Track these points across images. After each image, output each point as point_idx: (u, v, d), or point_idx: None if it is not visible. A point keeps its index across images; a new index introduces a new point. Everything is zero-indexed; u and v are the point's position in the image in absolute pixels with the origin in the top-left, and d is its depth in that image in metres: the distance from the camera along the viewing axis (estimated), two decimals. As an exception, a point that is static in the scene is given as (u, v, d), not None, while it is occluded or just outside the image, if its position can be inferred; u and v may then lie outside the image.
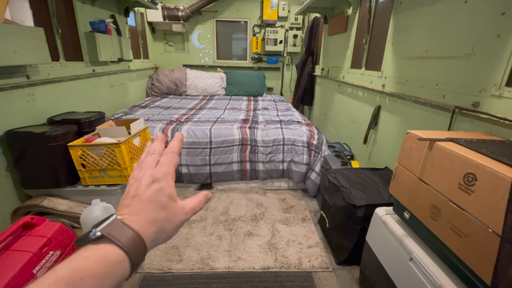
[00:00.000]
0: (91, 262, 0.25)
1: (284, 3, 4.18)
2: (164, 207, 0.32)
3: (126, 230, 0.28)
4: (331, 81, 3.21)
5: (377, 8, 2.17)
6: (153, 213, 0.31)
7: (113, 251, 0.26)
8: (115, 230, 0.28)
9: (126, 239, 0.27)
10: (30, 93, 1.74)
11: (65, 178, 1.70)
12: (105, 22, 2.49)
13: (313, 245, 1.72)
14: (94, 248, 0.26)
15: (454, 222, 0.80)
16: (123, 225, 0.28)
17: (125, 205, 0.32)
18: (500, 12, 1.09)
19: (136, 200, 0.32)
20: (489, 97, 1.12)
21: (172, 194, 0.33)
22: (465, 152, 0.80)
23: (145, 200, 0.31)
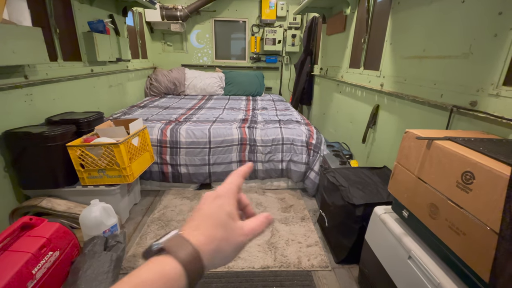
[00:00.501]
0: (153, 274, 0.25)
1: (282, 2, 4.19)
2: (222, 225, 0.31)
3: (184, 244, 0.28)
4: (330, 80, 3.22)
5: (375, 8, 2.18)
6: (211, 229, 0.30)
7: (172, 266, 0.26)
8: (175, 245, 0.28)
9: (185, 253, 0.27)
10: (28, 93, 1.74)
11: (64, 178, 1.69)
12: (103, 22, 2.49)
13: (312, 244, 1.72)
14: (154, 262, 0.27)
15: (452, 221, 0.80)
16: (182, 239, 0.28)
17: (191, 219, 0.32)
18: (497, 11, 1.09)
19: (197, 214, 0.32)
20: (487, 96, 1.12)
21: (231, 212, 0.33)
22: (463, 150, 0.81)
23: (205, 214, 0.32)
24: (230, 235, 0.31)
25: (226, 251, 0.31)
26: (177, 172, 2.29)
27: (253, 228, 0.34)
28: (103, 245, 1.36)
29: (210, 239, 0.29)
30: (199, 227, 0.30)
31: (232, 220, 0.32)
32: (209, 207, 0.32)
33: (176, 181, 2.33)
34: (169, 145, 2.24)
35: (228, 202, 0.33)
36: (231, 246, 0.31)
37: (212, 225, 0.30)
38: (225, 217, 0.32)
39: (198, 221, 0.31)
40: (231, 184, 0.35)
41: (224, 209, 0.32)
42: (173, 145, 2.24)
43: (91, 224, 1.42)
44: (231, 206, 0.33)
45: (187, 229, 0.30)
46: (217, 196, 0.33)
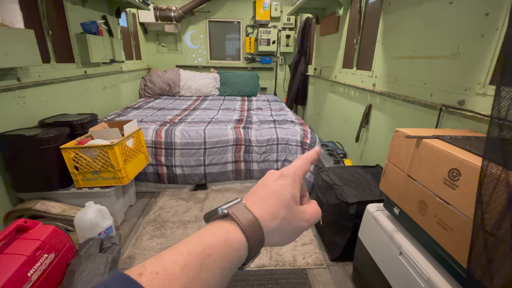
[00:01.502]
0: (217, 239, 0.25)
1: (276, 3, 4.21)
2: (285, 205, 0.30)
3: (247, 213, 0.28)
4: (324, 80, 3.25)
5: (367, 9, 2.21)
6: (274, 207, 0.30)
7: (235, 232, 0.27)
8: (238, 212, 0.28)
9: (247, 221, 0.27)
10: (21, 96, 1.72)
11: (58, 181, 1.69)
12: (96, 23, 2.48)
13: (307, 242, 1.74)
14: (219, 226, 0.27)
15: (440, 216, 0.83)
16: (245, 209, 0.28)
17: (251, 193, 0.32)
18: (484, 12, 1.13)
19: (261, 190, 0.32)
20: (474, 95, 1.16)
21: (295, 194, 0.32)
22: (450, 148, 0.83)
23: (270, 191, 0.31)
24: (292, 217, 0.31)
25: (286, 232, 0.30)
26: (172, 173, 2.29)
27: (312, 216, 0.33)
28: (98, 247, 1.36)
29: (273, 216, 0.29)
30: (262, 203, 0.30)
31: (295, 203, 0.31)
32: (274, 184, 0.31)
33: (172, 182, 2.33)
34: (164, 146, 2.24)
35: (292, 184, 0.32)
36: (292, 229, 0.31)
37: (275, 203, 0.30)
38: (290, 198, 0.31)
39: (262, 196, 0.31)
40: (297, 168, 0.34)
41: (289, 190, 0.31)
42: (168, 146, 2.24)
43: (86, 226, 1.42)
44: (295, 189, 0.32)
45: (249, 202, 0.30)
46: (282, 176, 0.32)
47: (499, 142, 0.57)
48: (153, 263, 0.22)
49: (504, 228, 0.58)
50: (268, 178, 0.33)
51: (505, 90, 0.55)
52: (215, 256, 0.24)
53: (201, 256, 0.24)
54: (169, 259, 0.22)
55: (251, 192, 0.32)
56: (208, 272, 0.23)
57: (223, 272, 0.25)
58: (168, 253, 0.23)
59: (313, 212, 0.33)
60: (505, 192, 0.57)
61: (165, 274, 0.21)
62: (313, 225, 0.34)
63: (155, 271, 0.21)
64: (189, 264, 0.23)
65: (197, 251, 0.24)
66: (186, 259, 0.23)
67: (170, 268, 0.22)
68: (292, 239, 0.32)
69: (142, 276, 0.20)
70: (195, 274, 0.22)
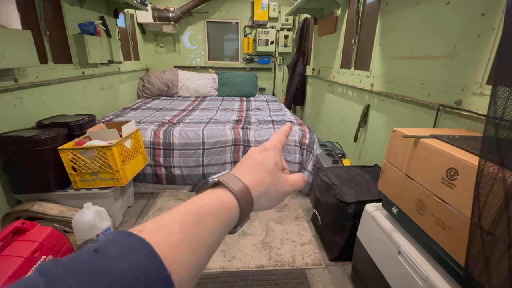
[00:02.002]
0: (211, 201, 0.28)
1: (274, 4, 4.22)
2: (270, 172, 0.33)
3: (237, 181, 0.31)
4: (322, 81, 3.26)
5: (365, 9, 2.22)
6: (260, 174, 0.33)
7: (227, 196, 0.29)
8: (229, 180, 0.30)
9: (238, 188, 0.30)
10: (18, 97, 1.72)
11: (56, 182, 1.68)
12: (94, 23, 2.47)
13: (306, 242, 1.74)
14: (212, 192, 0.29)
15: (438, 216, 0.83)
16: (235, 177, 0.31)
17: (238, 165, 0.35)
18: (480, 13, 1.13)
19: (247, 160, 0.35)
20: (471, 95, 1.16)
21: (278, 163, 0.35)
22: (447, 148, 0.84)
23: (255, 161, 0.34)
24: (276, 182, 0.34)
25: (272, 196, 0.34)
26: (171, 174, 2.29)
27: (294, 182, 0.36)
28: (97, 248, 1.35)
29: (259, 182, 0.32)
30: (249, 171, 0.33)
31: (278, 170, 0.35)
32: (258, 156, 0.35)
33: (170, 183, 2.32)
34: (163, 147, 2.24)
35: (275, 154, 0.35)
36: (276, 192, 0.34)
37: (261, 171, 0.33)
38: (273, 166, 0.34)
39: (248, 166, 0.34)
40: (276, 141, 0.38)
41: (272, 159, 0.35)
42: (166, 147, 2.24)
43: (84, 228, 1.41)
44: (277, 158, 0.36)
45: (238, 171, 0.33)
46: (264, 149, 0.36)
47: (495, 141, 0.57)
48: (151, 222, 0.23)
49: (501, 227, 0.59)
50: (252, 152, 0.36)
51: (501, 89, 0.55)
52: (210, 214, 0.26)
53: (197, 214, 0.25)
54: (168, 218, 0.24)
55: (238, 164, 0.35)
56: (204, 227, 0.25)
57: (218, 231, 0.26)
58: (166, 214, 0.25)
59: (297, 178, 0.37)
60: (501, 191, 0.57)
61: (164, 230, 0.23)
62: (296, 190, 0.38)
63: (154, 227, 0.23)
64: (186, 221, 0.24)
65: (193, 210, 0.26)
66: (183, 217, 0.25)
67: (169, 225, 0.23)
68: (277, 202, 0.35)
69: (143, 232, 0.22)
70: (192, 229, 0.24)
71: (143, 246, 0.20)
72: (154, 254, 0.20)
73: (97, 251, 0.19)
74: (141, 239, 0.21)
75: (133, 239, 0.21)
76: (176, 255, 0.22)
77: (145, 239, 0.21)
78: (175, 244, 0.22)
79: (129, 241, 0.21)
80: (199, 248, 0.24)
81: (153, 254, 0.20)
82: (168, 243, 0.22)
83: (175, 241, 0.22)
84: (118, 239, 0.20)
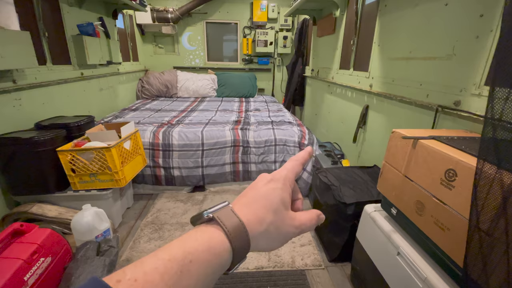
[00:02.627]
0: (199, 245, 0.25)
1: (273, 5, 4.22)
2: (273, 209, 0.30)
3: (233, 217, 0.28)
4: (321, 81, 3.26)
5: (364, 10, 2.22)
6: (262, 210, 0.29)
7: (219, 237, 0.26)
8: (224, 216, 0.28)
9: (232, 226, 0.27)
10: (16, 98, 1.71)
11: (54, 183, 1.67)
12: (93, 24, 2.47)
13: (306, 243, 1.74)
14: (203, 230, 0.27)
15: (437, 217, 0.83)
16: (231, 213, 0.28)
17: (241, 196, 0.32)
18: (478, 14, 1.14)
19: (250, 192, 0.31)
20: (470, 96, 1.17)
21: (285, 199, 0.31)
22: (446, 149, 0.84)
23: (259, 194, 0.30)
24: (280, 223, 0.30)
25: (273, 238, 0.30)
26: (170, 175, 2.28)
27: (304, 223, 0.32)
28: (95, 250, 1.35)
29: (259, 221, 0.29)
30: (250, 205, 0.30)
31: (284, 208, 0.31)
32: (264, 188, 0.31)
33: (169, 184, 2.32)
34: (162, 148, 2.24)
35: (283, 188, 0.31)
36: (279, 234, 0.30)
37: (263, 207, 0.29)
38: (279, 202, 0.30)
39: (250, 199, 0.30)
40: (289, 171, 0.33)
41: (278, 194, 0.31)
42: (165, 148, 2.24)
43: (83, 229, 1.41)
44: (285, 193, 0.31)
45: (237, 205, 0.30)
46: (273, 179, 0.32)
47: (493, 142, 0.57)
48: (132, 269, 0.22)
49: (499, 228, 0.59)
50: (259, 182, 0.32)
51: (499, 90, 0.56)
52: (197, 262, 0.24)
53: (182, 263, 0.23)
54: (149, 265, 0.22)
55: (241, 195, 0.32)
56: (188, 278, 0.23)
57: (205, 278, 0.24)
58: (149, 259, 0.23)
59: (306, 219, 0.33)
60: (499, 192, 0.58)
61: (143, 281, 0.21)
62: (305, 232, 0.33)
63: (133, 278, 0.21)
64: (169, 271, 0.22)
65: (178, 257, 0.23)
66: (167, 265, 0.23)
67: (150, 275, 0.21)
68: (278, 245, 0.31)
69: (120, 283, 0.20)
70: (174, 281, 0.22)
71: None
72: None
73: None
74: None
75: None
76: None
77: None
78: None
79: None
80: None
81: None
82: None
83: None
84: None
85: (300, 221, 0.32)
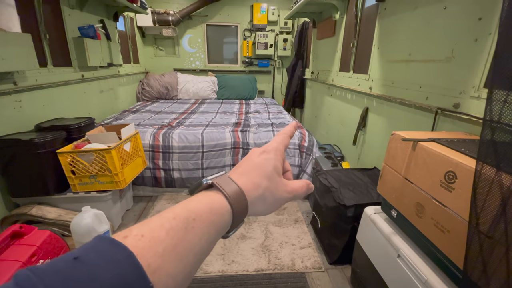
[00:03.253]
0: (202, 206, 0.26)
1: (273, 7, 4.24)
2: (268, 176, 0.32)
3: (232, 184, 0.29)
4: (321, 84, 3.27)
5: (363, 13, 2.24)
6: (257, 178, 0.31)
7: (220, 200, 0.28)
8: (223, 182, 0.29)
9: (231, 191, 0.29)
10: (17, 100, 1.72)
11: (54, 185, 1.67)
12: (93, 27, 2.48)
13: (306, 246, 1.74)
14: (204, 195, 0.28)
15: (437, 219, 0.83)
16: (229, 180, 0.30)
17: (236, 167, 0.34)
18: (477, 17, 1.14)
19: (245, 163, 0.33)
20: (469, 98, 1.17)
21: (277, 167, 0.34)
22: (446, 151, 0.84)
23: (253, 164, 0.33)
24: (274, 188, 0.32)
25: (269, 202, 0.32)
26: (170, 177, 2.28)
27: (296, 189, 0.35)
28: (95, 252, 1.34)
29: (255, 186, 0.31)
30: (246, 174, 0.32)
31: (277, 175, 0.33)
32: (257, 159, 0.33)
33: (169, 186, 2.32)
34: (162, 150, 2.24)
35: (275, 158, 0.34)
36: (274, 198, 0.32)
37: (258, 175, 0.32)
38: (272, 170, 0.33)
39: (246, 169, 0.32)
40: (278, 143, 0.36)
41: (271, 163, 0.33)
42: (165, 150, 2.24)
43: (82, 231, 1.40)
44: (278, 162, 0.34)
45: (234, 174, 0.32)
46: (265, 151, 0.34)
47: (492, 144, 0.58)
48: (139, 227, 0.22)
49: (499, 230, 0.59)
50: (252, 154, 0.34)
51: (497, 93, 0.56)
52: (200, 220, 0.25)
53: (187, 220, 0.24)
54: (155, 223, 0.23)
55: (236, 166, 0.34)
56: (193, 234, 0.24)
57: (208, 237, 0.25)
58: (154, 218, 0.24)
59: (298, 186, 0.35)
60: (498, 194, 0.58)
61: (150, 236, 0.22)
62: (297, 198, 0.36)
63: (140, 233, 0.22)
64: (174, 228, 0.23)
65: (182, 216, 0.24)
66: (172, 222, 0.23)
67: (156, 231, 0.22)
68: (274, 208, 0.33)
69: (127, 238, 0.21)
70: (180, 237, 0.23)
71: (125, 254, 0.19)
72: (136, 264, 0.19)
73: (76, 259, 0.18)
74: (124, 247, 0.20)
75: (116, 247, 0.20)
76: (162, 263, 0.21)
77: (127, 247, 0.20)
78: (161, 252, 0.21)
79: (111, 249, 0.19)
80: (187, 256, 0.23)
81: (136, 264, 0.19)
82: (153, 251, 0.21)
83: (161, 248, 0.21)
84: (99, 246, 0.20)
85: (292, 187, 0.34)
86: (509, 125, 0.55)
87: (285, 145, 0.37)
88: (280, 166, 0.34)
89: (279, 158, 0.34)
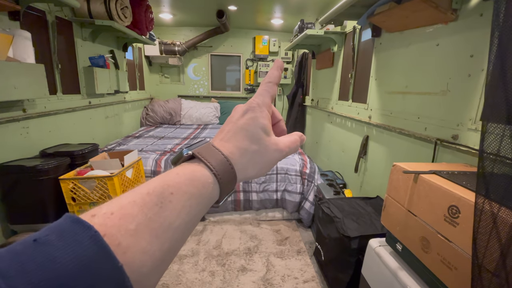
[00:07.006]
0: (181, 178, 0.25)
1: (274, 39, 4.47)
2: (256, 139, 0.29)
3: (215, 152, 0.27)
4: (321, 111, 3.34)
5: (360, 47, 2.35)
6: (243, 142, 0.29)
7: (202, 171, 0.26)
8: (205, 151, 0.27)
9: (215, 160, 0.27)
10: (24, 126, 1.76)
11: (54, 212, 1.65)
12: (104, 57, 2.60)
13: (309, 279, 1.67)
14: (184, 166, 0.26)
15: (443, 255, 0.81)
16: (213, 148, 0.28)
17: (219, 132, 0.31)
18: (469, 54, 1.21)
19: (229, 126, 0.31)
20: (467, 130, 1.20)
21: (265, 126, 0.30)
22: (447, 184, 0.84)
23: (237, 127, 0.30)
24: (264, 150, 0.30)
25: (260, 165, 0.30)
26: (171, 203, 2.25)
27: (288, 145, 0.32)
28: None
29: (242, 152, 0.29)
30: (230, 139, 0.29)
31: (265, 135, 0.30)
32: (241, 120, 0.30)
33: (169, 213, 2.28)
34: (163, 176, 2.23)
35: (261, 115, 0.30)
36: (264, 160, 0.30)
37: (244, 138, 0.29)
38: (259, 130, 0.30)
39: (230, 134, 0.30)
40: (264, 96, 0.32)
41: (257, 122, 0.30)
42: (167, 176, 2.24)
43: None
44: (265, 120, 0.31)
45: (217, 140, 0.30)
46: (249, 109, 0.31)
47: (488, 177, 0.58)
48: (109, 205, 0.21)
49: (502, 267, 0.57)
50: (234, 115, 0.31)
51: (490, 125, 0.58)
52: (178, 193, 0.24)
53: (163, 195, 0.23)
54: (127, 199, 0.22)
55: (219, 131, 0.31)
56: (171, 210, 0.23)
57: (189, 210, 0.24)
58: (126, 194, 0.22)
59: (290, 142, 0.33)
60: (502, 229, 0.57)
61: (120, 214, 0.20)
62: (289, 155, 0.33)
63: (109, 211, 0.20)
64: (148, 203, 0.22)
65: (157, 190, 0.23)
66: (145, 198, 0.22)
67: (127, 208, 0.21)
68: (266, 170, 0.31)
69: (95, 217, 0.20)
70: (154, 212, 0.22)
71: (89, 234, 0.18)
72: (101, 244, 0.18)
73: (36, 241, 0.17)
74: (88, 226, 0.18)
75: (79, 226, 0.18)
76: (134, 241, 0.20)
77: (93, 226, 0.18)
78: (133, 229, 0.20)
79: (74, 228, 0.18)
80: (165, 232, 0.22)
81: (101, 244, 0.18)
82: (123, 228, 0.20)
83: (133, 225, 0.20)
84: (62, 227, 0.18)
85: (284, 144, 0.32)
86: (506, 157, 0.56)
87: (271, 96, 0.33)
88: (268, 123, 0.31)
89: (265, 114, 0.31)
